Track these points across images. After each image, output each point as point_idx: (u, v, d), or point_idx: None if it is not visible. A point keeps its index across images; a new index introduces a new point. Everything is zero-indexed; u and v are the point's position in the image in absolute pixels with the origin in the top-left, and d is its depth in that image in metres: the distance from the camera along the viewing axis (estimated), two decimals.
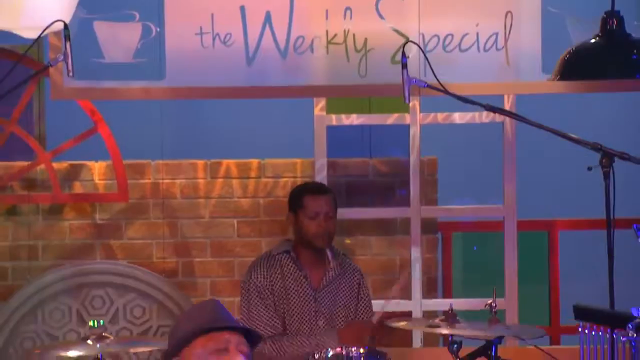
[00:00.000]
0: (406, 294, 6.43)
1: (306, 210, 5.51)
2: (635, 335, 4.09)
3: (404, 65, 4.76)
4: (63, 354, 5.06)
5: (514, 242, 6.49)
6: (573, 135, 4.95)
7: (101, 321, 4.95)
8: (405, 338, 6.42)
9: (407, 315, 6.33)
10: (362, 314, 5.64)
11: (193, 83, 5.98)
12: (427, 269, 6.63)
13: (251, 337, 3.55)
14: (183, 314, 3.83)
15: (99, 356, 4.80)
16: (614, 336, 4.42)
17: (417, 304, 6.47)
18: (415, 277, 6.48)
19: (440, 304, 6.44)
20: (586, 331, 4.60)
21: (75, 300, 6.26)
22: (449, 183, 6.79)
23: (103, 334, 4.91)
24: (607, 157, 4.85)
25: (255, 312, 5.48)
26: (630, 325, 4.08)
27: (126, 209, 6.58)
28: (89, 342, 4.84)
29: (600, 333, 4.59)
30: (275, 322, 5.49)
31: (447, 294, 6.97)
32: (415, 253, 6.46)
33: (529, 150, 6.93)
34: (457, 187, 6.88)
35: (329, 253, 5.53)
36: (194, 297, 6.48)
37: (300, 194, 5.59)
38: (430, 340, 6.61)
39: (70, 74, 4.78)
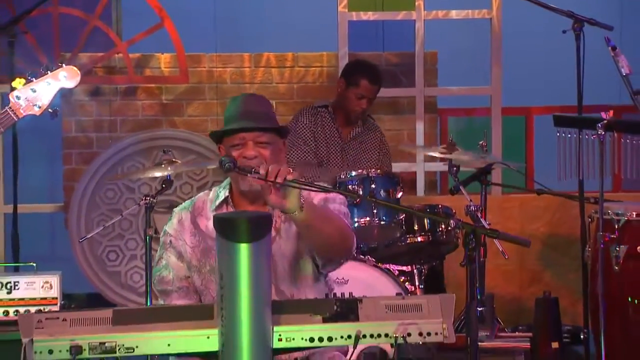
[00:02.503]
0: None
1: (357, 90, 5.49)
2: (602, 132, 4.26)
3: None
4: (143, 175, 5.34)
5: (498, 116, 6.70)
6: (550, 5, 5.13)
7: (169, 151, 5.18)
8: (410, 187, 6.63)
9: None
10: (384, 164, 5.71)
11: None
12: (428, 141, 6.81)
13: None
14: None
15: (168, 177, 5.01)
16: (586, 136, 4.59)
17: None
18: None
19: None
20: (563, 134, 4.78)
21: (147, 159, 6.46)
22: (446, 73, 6.94)
23: (173, 160, 5.18)
24: (578, 22, 5.04)
25: (294, 153, 5.49)
26: (599, 125, 4.27)
27: (186, 92, 6.83)
28: (162, 165, 5.13)
29: (574, 135, 4.78)
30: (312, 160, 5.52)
31: None
32: (419, 125, 6.68)
33: (511, 48, 7.05)
34: (453, 76, 7.03)
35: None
36: None
37: (360, 74, 5.48)
38: (430, 190, 6.83)
39: None
